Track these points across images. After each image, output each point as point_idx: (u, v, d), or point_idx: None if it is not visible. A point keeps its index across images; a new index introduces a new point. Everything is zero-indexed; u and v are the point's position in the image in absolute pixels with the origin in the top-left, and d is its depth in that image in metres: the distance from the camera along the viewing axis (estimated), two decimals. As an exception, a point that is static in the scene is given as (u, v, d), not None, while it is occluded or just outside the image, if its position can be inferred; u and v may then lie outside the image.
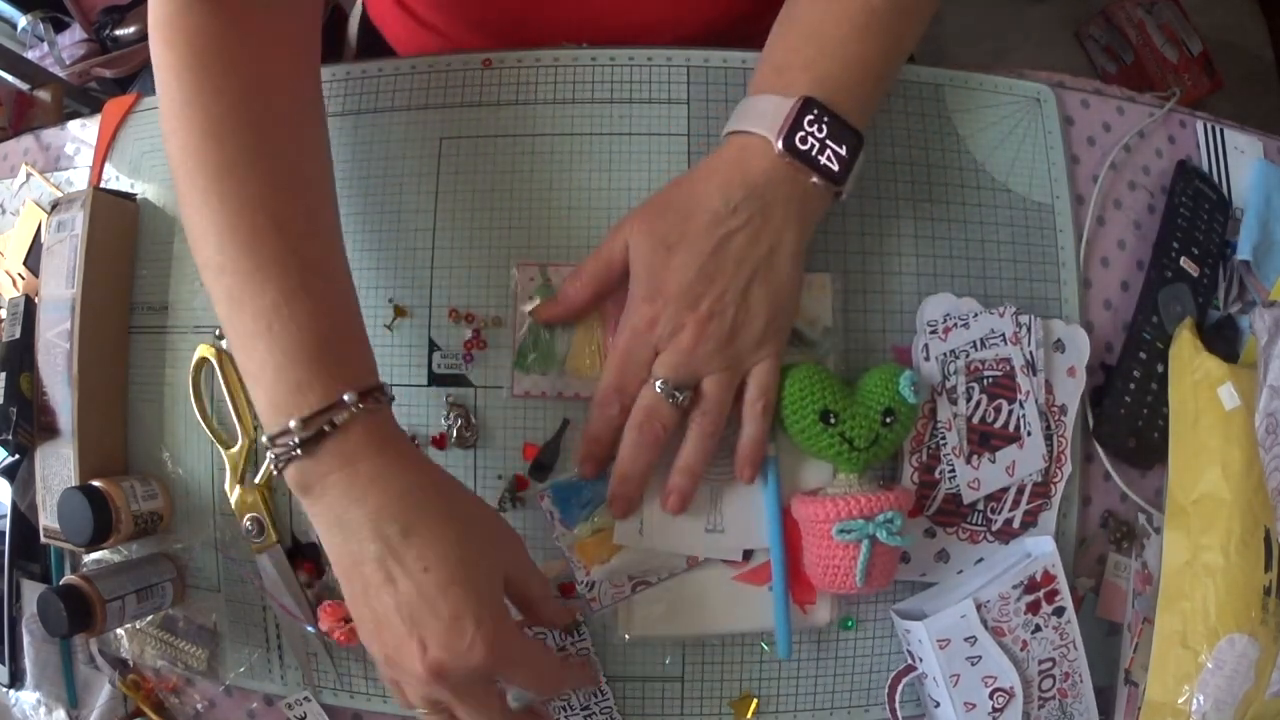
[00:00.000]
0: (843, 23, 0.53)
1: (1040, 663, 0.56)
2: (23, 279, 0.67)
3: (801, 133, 0.51)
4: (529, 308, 0.57)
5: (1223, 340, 0.62)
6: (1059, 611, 0.56)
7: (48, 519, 0.59)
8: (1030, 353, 0.57)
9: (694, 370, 0.51)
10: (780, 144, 0.51)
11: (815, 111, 0.51)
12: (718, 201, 0.51)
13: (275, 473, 0.46)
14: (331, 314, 0.47)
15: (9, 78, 1.06)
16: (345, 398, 0.44)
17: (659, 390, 0.51)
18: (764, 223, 0.51)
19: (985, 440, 0.57)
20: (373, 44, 0.83)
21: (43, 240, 0.62)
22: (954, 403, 0.57)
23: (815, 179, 0.52)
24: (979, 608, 0.54)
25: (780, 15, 0.56)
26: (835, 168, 0.52)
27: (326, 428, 0.44)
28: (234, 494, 0.59)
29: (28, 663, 0.64)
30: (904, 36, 0.56)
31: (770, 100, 0.52)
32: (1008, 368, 0.57)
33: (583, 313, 0.56)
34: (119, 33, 1.28)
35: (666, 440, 0.52)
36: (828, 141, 0.51)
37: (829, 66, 0.53)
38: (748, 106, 0.53)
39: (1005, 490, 0.58)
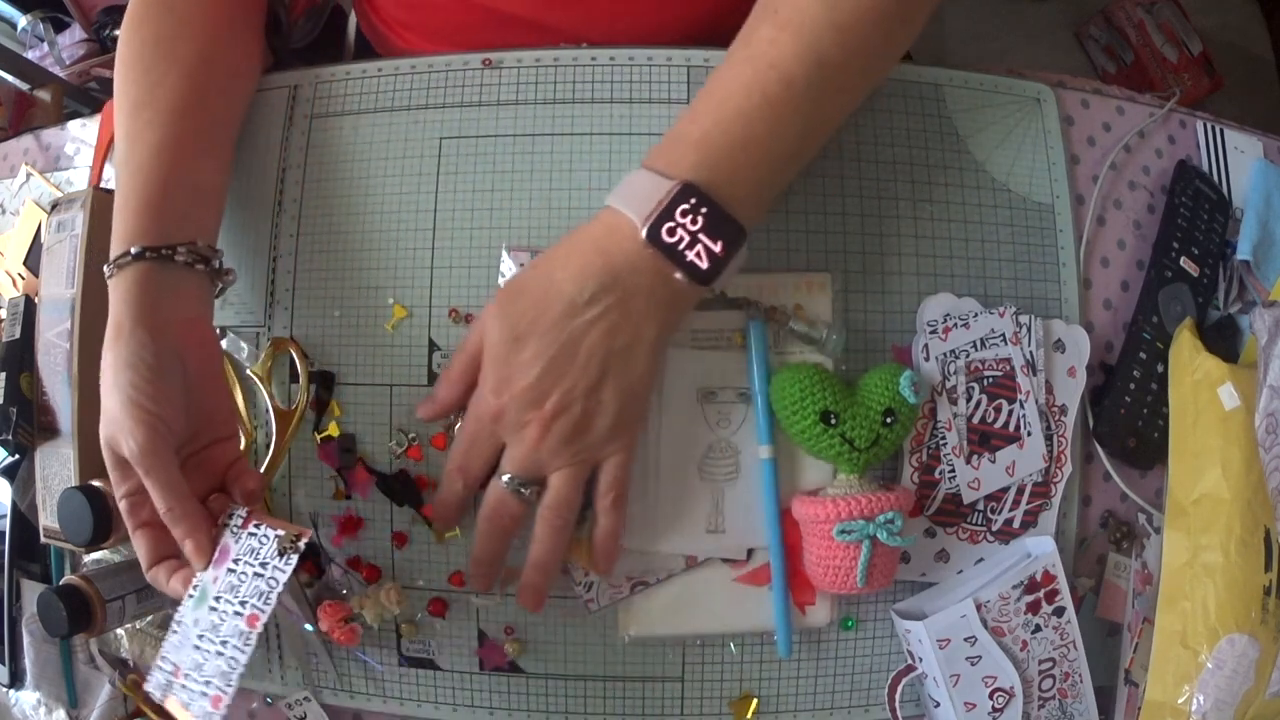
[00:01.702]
0: (754, 93, 0.48)
1: (1040, 663, 0.56)
2: (23, 279, 0.67)
3: (671, 223, 0.47)
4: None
5: (1223, 340, 0.62)
6: (1059, 611, 0.56)
7: (48, 519, 0.59)
8: (1030, 353, 0.57)
9: (540, 466, 0.50)
10: (644, 233, 0.47)
11: (692, 200, 0.47)
12: (573, 289, 0.48)
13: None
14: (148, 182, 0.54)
15: (9, 78, 1.06)
16: (131, 250, 0.52)
17: (505, 485, 0.50)
18: (622, 316, 0.48)
19: (985, 440, 0.57)
20: (371, 44, 0.83)
21: (43, 240, 0.62)
22: (954, 403, 0.57)
23: (679, 275, 0.48)
24: (979, 608, 0.54)
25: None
26: (703, 265, 0.47)
27: (113, 269, 0.53)
28: (234, 494, 0.59)
29: (28, 663, 0.64)
30: (828, 115, 0.51)
31: (649, 179, 0.48)
32: (1008, 368, 0.57)
33: (456, 409, 0.54)
34: (119, 33, 1.28)
35: (516, 529, 0.52)
36: (700, 235, 0.47)
37: (724, 144, 0.48)
38: (629, 181, 0.49)
39: (1005, 490, 0.58)
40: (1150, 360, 0.60)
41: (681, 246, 0.47)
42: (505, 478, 0.50)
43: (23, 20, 1.27)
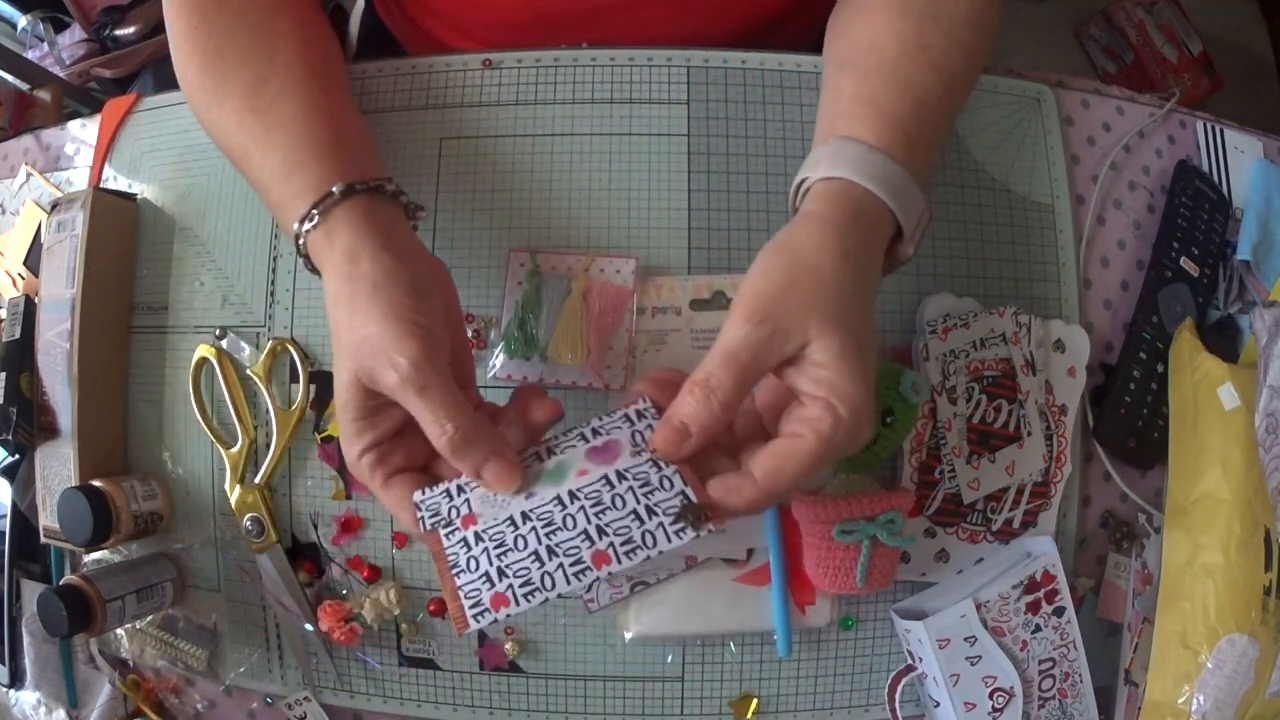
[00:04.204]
0: (946, 106, 0.53)
1: (1040, 663, 0.56)
2: (23, 279, 0.67)
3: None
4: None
5: (1223, 340, 0.62)
6: (1059, 611, 0.56)
7: (48, 519, 0.59)
8: (1030, 353, 0.57)
9: None
10: (911, 244, 0.50)
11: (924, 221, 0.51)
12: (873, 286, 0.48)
13: (304, 259, 0.50)
14: (333, 131, 0.52)
15: (9, 78, 1.06)
16: (334, 189, 0.48)
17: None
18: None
19: (985, 440, 0.57)
20: (375, 43, 0.83)
21: (43, 240, 0.62)
22: (954, 403, 0.57)
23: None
24: (979, 608, 0.54)
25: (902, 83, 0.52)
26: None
27: (317, 214, 0.48)
28: (234, 494, 0.59)
29: (28, 663, 0.64)
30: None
31: (905, 180, 0.49)
32: (1008, 368, 0.57)
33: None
34: (119, 33, 1.28)
35: None
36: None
37: (927, 159, 0.52)
38: (884, 171, 0.48)
39: (1005, 490, 0.58)
40: (1150, 360, 0.60)
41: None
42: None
43: (23, 20, 1.27)
